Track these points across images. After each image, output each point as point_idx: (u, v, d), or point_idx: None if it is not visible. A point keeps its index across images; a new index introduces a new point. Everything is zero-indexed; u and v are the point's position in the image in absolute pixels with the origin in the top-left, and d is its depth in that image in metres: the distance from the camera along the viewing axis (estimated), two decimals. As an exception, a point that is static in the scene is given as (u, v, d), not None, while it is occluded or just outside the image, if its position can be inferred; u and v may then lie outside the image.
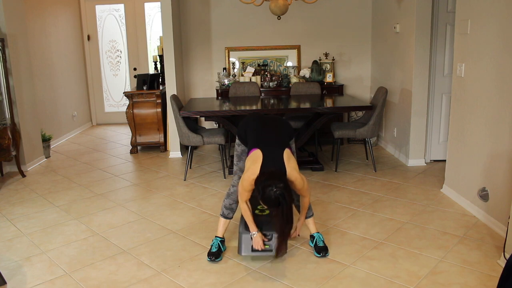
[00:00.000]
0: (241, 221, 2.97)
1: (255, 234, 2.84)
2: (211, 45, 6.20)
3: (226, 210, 3.06)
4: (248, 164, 2.76)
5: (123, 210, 3.89)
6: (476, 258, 2.88)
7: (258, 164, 2.68)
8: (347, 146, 5.98)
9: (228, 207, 3.05)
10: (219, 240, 3.05)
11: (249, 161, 2.77)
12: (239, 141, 3.05)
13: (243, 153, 3.03)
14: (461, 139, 3.77)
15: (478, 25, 3.45)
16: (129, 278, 2.75)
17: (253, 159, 2.72)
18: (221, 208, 3.10)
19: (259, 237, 2.85)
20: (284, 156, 2.73)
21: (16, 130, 4.85)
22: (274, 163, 2.68)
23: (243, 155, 3.03)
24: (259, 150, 2.72)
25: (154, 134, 5.91)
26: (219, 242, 3.03)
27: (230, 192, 3.06)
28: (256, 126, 2.97)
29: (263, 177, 2.57)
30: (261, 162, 2.67)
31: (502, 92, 3.16)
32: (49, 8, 6.47)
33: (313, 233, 3.11)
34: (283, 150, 2.75)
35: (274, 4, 4.44)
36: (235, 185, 3.03)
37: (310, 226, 3.12)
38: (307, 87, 5.57)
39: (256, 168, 2.66)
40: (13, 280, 2.76)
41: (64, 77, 6.87)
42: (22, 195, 4.32)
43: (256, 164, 2.68)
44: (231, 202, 3.05)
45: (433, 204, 3.83)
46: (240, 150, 3.06)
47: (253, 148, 2.77)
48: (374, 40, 6.06)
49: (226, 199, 3.07)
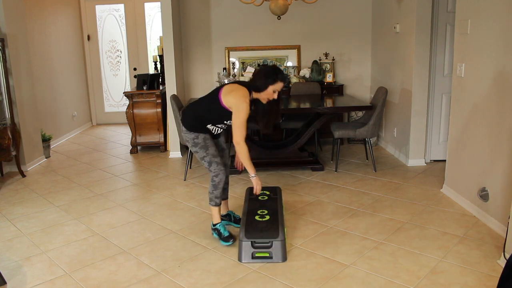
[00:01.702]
0: (241, 229, 2.98)
1: (254, 177, 3.04)
2: (211, 45, 6.20)
3: (217, 199, 3.20)
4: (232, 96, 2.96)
5: (123, 210, 3.88)
6: (476, 258, 2.88)
7: (239, 87, 2.99)
8: (347, 146, 5.98)
9: (219, 196, 3.20)
10: (224, 223, 3.26)
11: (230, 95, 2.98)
12: (194, 133, 3.13)
13: (206, 139, 3.13)
14: (461, 139, 3.77)
15: (478, 25, 3.45)
16: (129, 278, 2.75)
17: (230, 90, 2.99)
18: (210, 199, 3.21)
19: (258, 179, 3.08)
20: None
21: (16, 130, 4.85)
22: (241, 82, 3.09)
23: (206, 141, 3.13)
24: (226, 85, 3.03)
25: (154, 134, 5.91)
26: (224, 226, 3.21)
27: (216, 183, 3.15)
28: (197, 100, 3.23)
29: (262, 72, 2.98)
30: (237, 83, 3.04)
31: (502, 92, 3.16)
32: (49, 8, 6.47)
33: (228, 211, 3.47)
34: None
35: (274, 4, 4.44)
36: (219, 174, 3.13)
37: (224, 207, 3.44)
38: (307, 87, 5.57)
39: (242, 88, 2.97)
40: (13, 280, 2.76)
41: (64, 77, 6.87)
42: (22, 195, 4.32)
43: (237, 89, 2.97)
44: (220, 191, 3.19)
45: (433, 204, 3.82)
46: (201, 139, 3.13)
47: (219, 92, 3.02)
48: (374, 40, 6.06)
49: (215, 190, 3.17)
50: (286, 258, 2.91)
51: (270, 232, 2.91)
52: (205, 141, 3.14)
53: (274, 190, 3.58)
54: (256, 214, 3.14)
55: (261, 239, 2.89)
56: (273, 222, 3.02)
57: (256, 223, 3.01)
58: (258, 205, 3.28)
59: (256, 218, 3.07)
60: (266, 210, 3.18)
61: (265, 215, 3.11)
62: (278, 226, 2.96)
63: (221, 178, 3.14)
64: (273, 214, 3.12)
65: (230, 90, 2.99)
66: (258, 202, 3.34)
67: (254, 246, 2.89)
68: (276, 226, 2.97)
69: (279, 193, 3.53)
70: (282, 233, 2.93)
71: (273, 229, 2.93)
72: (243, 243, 2.90)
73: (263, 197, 3.43)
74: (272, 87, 2.97)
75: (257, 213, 3.14)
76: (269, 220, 3.05)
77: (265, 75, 2.96)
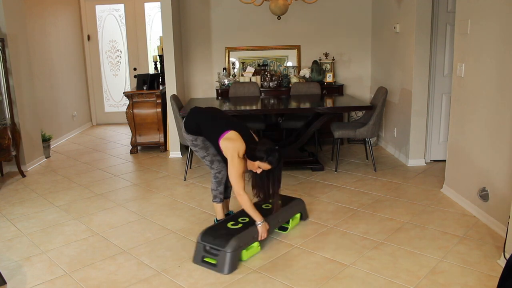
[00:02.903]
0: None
1: (260, 224, 2.99)
2: (211, 45, 6.20)
3: (221, 195, 3.31)
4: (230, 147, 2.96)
5: (123, 210, 3.89)
6: (476, 258, 2.88)
7: (239, 141, 2.97)
8: (347, 146, 5.98)
9: (223, 192, 3.33)
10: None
11: (229, 144, 2.97)
12: (193, 135, 3.19)
13: (205, 141, 3.21)
14: (461, 139, 3.77)
15: (478, 25, 3.45)
16: (129, 278, 2.75)
17: (229, 138, 2.97)
18: (215, 196, 3.31)
19: (265, 226, 3.02)
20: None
21: (16, 130, 4.85)
22: (248, 136, 3.05)
23: (205, 142, 3.21)
24: (232, 131, 3.00)
25: (154, 134, 5.91)
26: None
27: (219, 179, 3.27)
28: (207, 116, 3.21)
29: (262, 146, 2.92)
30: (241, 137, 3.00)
31: (502, 92, 3.16)
32: (49, 8, 6.47)
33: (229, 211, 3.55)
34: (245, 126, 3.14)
35: (274, 4, 4.44)
36: (221, 170, 3.24)
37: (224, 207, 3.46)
38: (307, 87, 5.57)
39: (241, 144, 2.96)
40: (13, 280, 2.76)
41: (64, 77, 6.87)
42: (22, 195, 4.32)
43: (236, 141, 2.96)
44: (223, 186, 3.32)
45: (433, 204, 3.82)
46: (200, 141, 3.21)
47: (224, 132, 3.00)
48: (374, 40, 6.06)
49: (219, 187, 3.28)
50: (231, 272, 2.75)
51: (221, 240, 2.78)
52: (204, 143, 3.21)
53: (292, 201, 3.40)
54: (235, 220, 3.04)
55: (210, 245, 2.81)
56: (236, 232, 2.87)
57: (219, 228, 2.93)
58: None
59: (227, 224, 2.98)
60: (247, 219, 3.05)
61: (239, 223, 2.99)
62: (234, 237, 2.80)
63: (224, 174, 3.26)
64: (251, 225, 2.97)
65: (229, 138, 2.98)
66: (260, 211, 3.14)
67: (205, 249, 2.84)
68: (231, 236, 2.81)
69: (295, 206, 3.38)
70: (234, 244, 2.76)
71: (226, 239, 2.78)
72: (196, 244, 2.90)
73: (267, 205, 3.26)
74: (259, 163, 2.93)
75: (237, 220, 3.04)
76: (236, 229, 2.91)
77: (265, 150, 2.91)
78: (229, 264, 2.75)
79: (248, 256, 2.92)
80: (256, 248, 2.99)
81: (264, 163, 2.92)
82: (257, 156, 2.91)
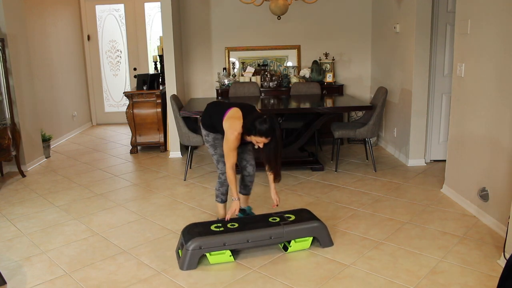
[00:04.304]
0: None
1: (234, 199, 3.06)
2: (211, 45, 6.20)
3: (223, 196, 3.34)
4: (227, 124, 2.98)
5: (123, 210, 3.89)
6: (476, 258, 2.88)
7: (238, 119, 2.96)
8: (347, 146, 5.98)
9: (225, 193, 3.36)
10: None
11: (227, 121, 2.99)
12: (206, 131, 3.24)
13: (216, 139, 3.22)
14: (461, 139, 3.77)
15: (478, 25, 3.45)
16: (129, 278, 2.75)
17: (231, 116, 2.98)
18: (217, 195, 3.37)
19: (237, 204, 3.06)
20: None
21: (16, 130, 4.85)
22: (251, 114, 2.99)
23: (216, 141, 3.23)
24: (234, 108, 3.03)
25: (154, 134, 5.91)
26: None
27: (223, 180, 3.31)
28: (218, 103, 3.30)
29: (250, 118, 2.89)
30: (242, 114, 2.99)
31: (502, 92, 3.16)
32: (49, 8, 6.47)
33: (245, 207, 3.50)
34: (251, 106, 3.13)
35: (274, 4, 4.44)
36: (225, 172, 3.20)
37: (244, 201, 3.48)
38: (307, 87, 5.57)
39: (238, 122, 2.95)
40: (13, 280, 2.76)
41: (64, 77, 6.87)
42: (22, 195, 4.32)
43: (236, 119, 2.96)
44: (226, 188, 3.35)
45: (433, 204, 3.83)
46: (211, 138, 3.23)
47: (226, 111, 3.02)
48: (374, 40, 6.06)
49: (221, 188, 3.34)
50: (188, 269, 2.80)
51: (189, 237, 2.83)
52: (215, 141, 3.24)
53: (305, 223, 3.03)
54: (223, 223, 3.02)
55: (182, 239, 2.90)
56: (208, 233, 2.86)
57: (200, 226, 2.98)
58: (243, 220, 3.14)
59: (211, 226, 2.97)
60: (236, 224, 3.00)
61: (222, 227, 2.95)
62: (198, 237, 2.81)
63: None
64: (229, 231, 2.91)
65: (228, 117, 3.02)
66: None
67: (181, 242, 2.94)
68: (197, 236, 2.83)
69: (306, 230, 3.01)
70: (195, 244, 2.78)
71: (192, 237, 2.82)
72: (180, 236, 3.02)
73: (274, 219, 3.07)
74: (253, 137, 2.92)
75: (226, 224, 3.01)
76: (211, 231, 2.89)
77: (253, 123, 2.87)
78: (187, 262, 2.81)
79: (215, 261, 2.88)
80: (227, 257, 2.89)
81: (257, 137, 2.89)
82: (249, 130, 2.90)
